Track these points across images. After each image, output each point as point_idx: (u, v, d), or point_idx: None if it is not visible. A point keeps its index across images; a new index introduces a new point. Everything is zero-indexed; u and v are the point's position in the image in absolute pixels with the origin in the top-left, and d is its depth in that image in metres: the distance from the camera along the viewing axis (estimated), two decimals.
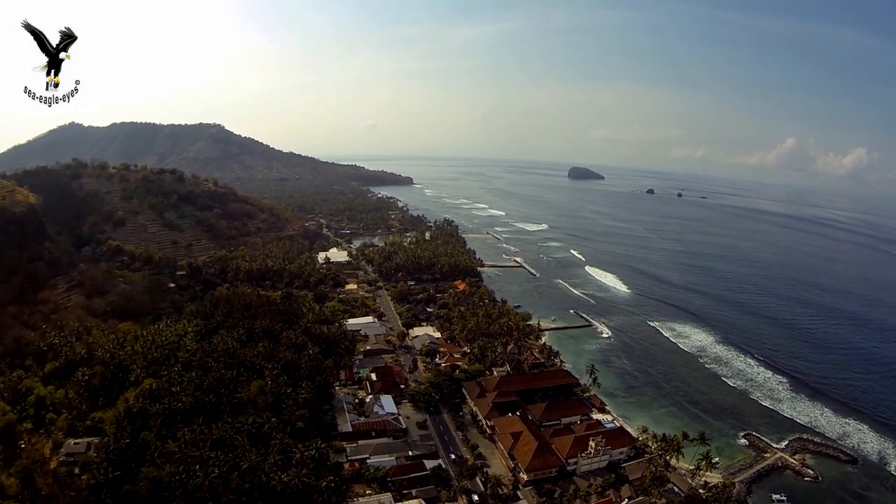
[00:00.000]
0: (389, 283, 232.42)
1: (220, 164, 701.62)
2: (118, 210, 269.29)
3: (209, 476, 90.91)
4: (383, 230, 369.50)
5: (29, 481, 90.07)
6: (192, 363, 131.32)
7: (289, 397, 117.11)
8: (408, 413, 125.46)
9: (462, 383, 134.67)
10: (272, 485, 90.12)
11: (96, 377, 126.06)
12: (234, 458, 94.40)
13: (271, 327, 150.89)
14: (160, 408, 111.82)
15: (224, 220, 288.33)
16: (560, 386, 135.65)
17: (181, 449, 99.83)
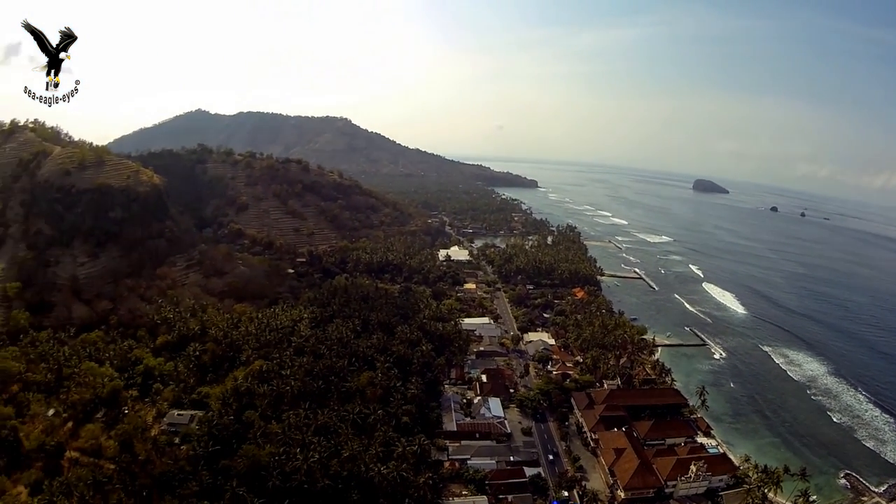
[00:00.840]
0: (508, 285, 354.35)
1: (346, 157, 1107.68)
2: (242, 195, 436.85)
3: (308, 460, 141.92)
4: (506, 232, 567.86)
5: (128, 445, 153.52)
6: (304, 349, 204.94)
7: (397, 391, 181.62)
8: (514, 418, 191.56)
9: (572, 393, 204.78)
10: (370, 475, 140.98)
11: (207, 354, 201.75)
12: (336, 445, 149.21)
13: (387, 320, 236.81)
14: (268, 389, 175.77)
15: (347, 212, 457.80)
16: (668, 405, 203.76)
17: (284, 431, 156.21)
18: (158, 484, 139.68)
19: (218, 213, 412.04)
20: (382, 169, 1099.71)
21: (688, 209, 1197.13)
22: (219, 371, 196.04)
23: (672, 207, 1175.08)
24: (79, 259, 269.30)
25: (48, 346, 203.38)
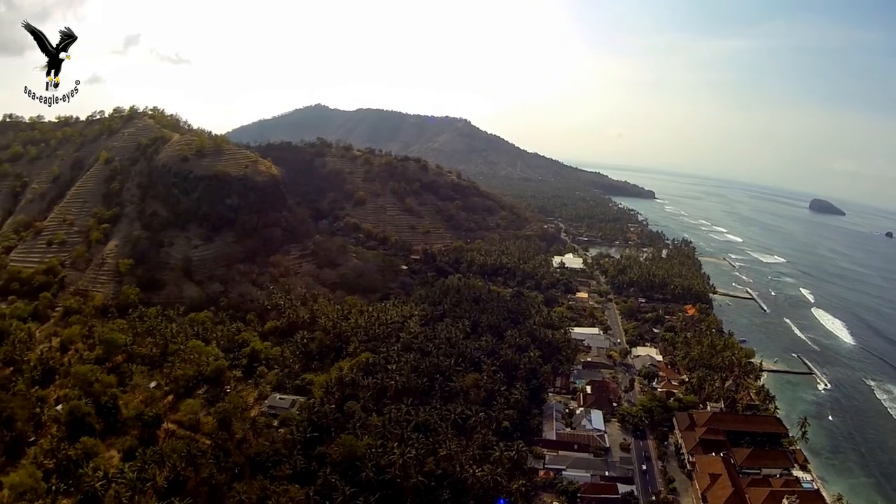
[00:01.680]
0: (620, 297, 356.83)
1: (464, 158, 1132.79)
2: (359, 190, 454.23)
3: (405, 455, 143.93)
4: (621, 242, 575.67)
5: (226, 424, 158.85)
6: (412, 346, 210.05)
7: (501, 395, 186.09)
8: (614, 432, 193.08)
9: (674, 412, 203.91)
10: (464, 476, 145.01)
11: (315, 342, 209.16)
12: (434, 443, 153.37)
13: (497, 323, 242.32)
14: (372, 382, 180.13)
15: (464, 213, 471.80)
16: (768, 434, 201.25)
17: (384, 425, 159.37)
18: (252, 463, 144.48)
19: (334, 206, 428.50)
20: (500, 171, 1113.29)
21: (803, 230, 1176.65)
22: (324, 360, 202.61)
23: (787, 227, 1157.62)
24: (193, 242, 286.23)
25: (156, 322, 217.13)
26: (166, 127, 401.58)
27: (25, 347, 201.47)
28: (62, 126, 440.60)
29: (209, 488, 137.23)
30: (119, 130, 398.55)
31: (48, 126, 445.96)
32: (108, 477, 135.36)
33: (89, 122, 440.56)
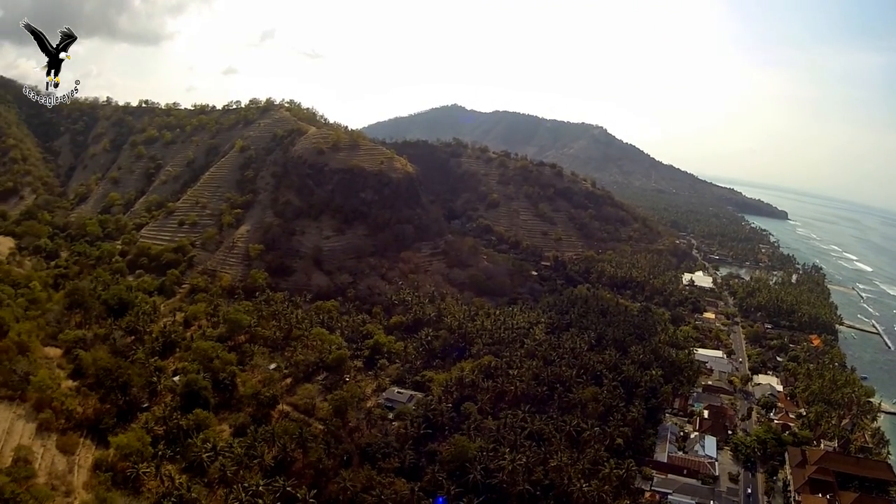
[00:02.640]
0: (747, 320, 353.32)
1: (599, 166, 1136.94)
2: (494, 193, 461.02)
3: (515, 462, 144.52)
4: (751, 263, 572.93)
5: (341, 411, 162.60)
6: (536, 353, 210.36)
7: (618, 411, 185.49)
8: (725, 461, 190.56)
9: (787, 447, 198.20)
10: (570, 490, 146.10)
11: (439, 340, 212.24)
12: (545, 453, 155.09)
13: (622, 338, 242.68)
14: (491, 385, 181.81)
15: (597, 222, 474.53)
16: (877, 480, 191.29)
17: (498, 429, 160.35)
18: (362, 453, 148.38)
19: (468, 207, 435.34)
20: (634, 182, 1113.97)
21: None
22: (446, 359, 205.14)
23: None
24: (324, 232, 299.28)
25: (282, 307, 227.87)
26: (302, 120, 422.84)
27: (149, 319, 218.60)
28: (198, 114, 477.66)
29: (315, 472, 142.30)
30: (255, 121, 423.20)
31: (183, 113, 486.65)
32: (216, 450, 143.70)
33: (225, 111, 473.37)
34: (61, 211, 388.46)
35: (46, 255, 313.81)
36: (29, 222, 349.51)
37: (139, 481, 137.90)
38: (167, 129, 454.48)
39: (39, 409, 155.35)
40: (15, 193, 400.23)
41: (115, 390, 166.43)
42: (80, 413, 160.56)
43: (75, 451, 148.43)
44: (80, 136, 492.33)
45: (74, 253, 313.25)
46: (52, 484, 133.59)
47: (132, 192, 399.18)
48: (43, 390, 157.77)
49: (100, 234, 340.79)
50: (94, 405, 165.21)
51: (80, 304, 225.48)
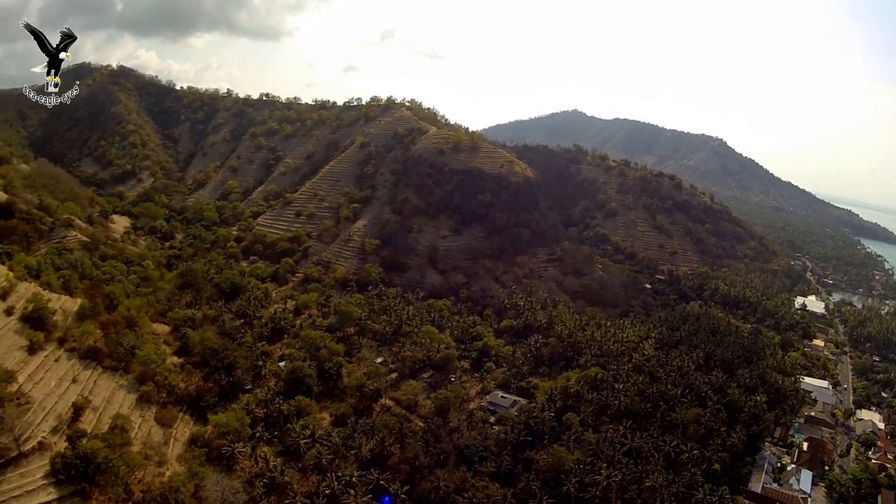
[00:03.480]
0: (856, 350, 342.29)
1: (717, 179, 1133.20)
2: (612, 202, 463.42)
3: (610, 478, 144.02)
4: (864, 290, 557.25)
5: (443, 410, 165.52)
6: (643, 368, 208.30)
7: (719, 436, 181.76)
8: (819, 498, 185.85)
9: (881, 489, 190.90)
10: None
11: (547, 347, 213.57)
12: (642, 472, 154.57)
13: (730, 359, 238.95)
14: (595, 398, 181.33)
15: (713, 237, 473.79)
16: None
17: (597, 443, 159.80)
18: (459, 454, 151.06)
19: (585, 214, 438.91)
20: (752, 198, 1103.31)
21: None
22: (553, 367, 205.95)
23: None
24: (441, 232, 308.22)
25: (393, 303, 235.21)
26: (423, 119, 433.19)
27: (260, 305, 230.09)
28: (318, 109, 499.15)
29: (410, 468, 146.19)
30: (376, 118, 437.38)
31: (304, 108, 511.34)
32: (314, 437, 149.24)
33: (346, 107, 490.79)
34: (178, 195, 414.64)
35: (161, 236, 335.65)
36: (146, 204, 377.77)
37: (233, 460, 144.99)
38: (287, 122, 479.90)
39: (142, 382, 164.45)
40: (133, 176, 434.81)
41: (220, 370, 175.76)
42: (182, 389, 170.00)
43: (173, 424, 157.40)
44: (200, 125, 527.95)
45: (189, 236, 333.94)
46: (146, 453, 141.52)
47: (250, 182, 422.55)
48: (147, 364, 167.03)
49: (216, 219, 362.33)
50: (197, 383, 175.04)
51: (192, 285, 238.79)
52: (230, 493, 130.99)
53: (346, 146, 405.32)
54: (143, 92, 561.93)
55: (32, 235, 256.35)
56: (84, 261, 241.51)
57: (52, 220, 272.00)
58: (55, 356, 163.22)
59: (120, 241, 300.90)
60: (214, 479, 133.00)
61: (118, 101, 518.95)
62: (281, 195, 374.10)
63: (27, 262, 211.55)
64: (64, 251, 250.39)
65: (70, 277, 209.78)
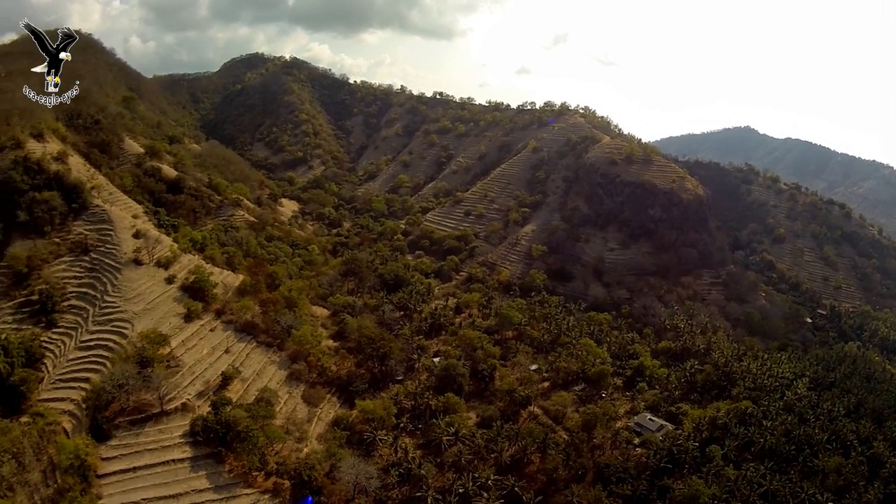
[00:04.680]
0: None
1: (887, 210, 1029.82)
2: (780, 227, 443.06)
3: None
4: None
5: (589, 426, 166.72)
6: (793, 408, 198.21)
7: (857, 489, 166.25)
8: None
9: None
10: None
11: (702, 374, 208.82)
12: None
13: (881, 409, 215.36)
14: (742, 432, 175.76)
15: (878, 274, 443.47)
16: None
17: (736, 480, 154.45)
18: (598, 471, 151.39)
19: (752, 238, 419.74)
20: None
21: None
22: (705, 395, 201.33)
23: None
24: (609, 244, 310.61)
25: (555, 311, 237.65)
26: (596, 127, 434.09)
27: (421, 299, 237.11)
28: (492, 110, 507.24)
29: (547, 479, 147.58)
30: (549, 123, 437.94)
31: (477, 108, 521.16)
32: (457, 435, 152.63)
33: (519, 110, 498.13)
34: (348, 185, 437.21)
35: (329, 222, 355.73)
36: (315, 190, 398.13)
37: (373, 446, 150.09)
38: (460, 121, 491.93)
39: (294, 360, 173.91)
40: (304, 163, 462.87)
41: (374, 358, 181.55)
42: (334, 372, 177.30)
43: (319, 404, 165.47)
44: (373, 118, 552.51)
45: (357, 225, 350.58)
46: (288, 428, 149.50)
47: (421, 177, 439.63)
48: (301, 343, 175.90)
49: (384, 211, 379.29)
50: (349, 368, 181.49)
51: (356, 273, 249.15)
52: (364, 478, 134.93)
53: (518, 149, 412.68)
54: (316, 83, 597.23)
55: (200, 211, 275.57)
56: (250, 239, 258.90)
57: (220, 199, 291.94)
58: (211, 326, 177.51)
59: (287, 225, 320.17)
60: (351, 461, 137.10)
61: (291, 90, 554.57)
62: (451, 193, 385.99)
63: (192, 235, 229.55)
64: (230, 229, 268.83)
65: (234, 254, 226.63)
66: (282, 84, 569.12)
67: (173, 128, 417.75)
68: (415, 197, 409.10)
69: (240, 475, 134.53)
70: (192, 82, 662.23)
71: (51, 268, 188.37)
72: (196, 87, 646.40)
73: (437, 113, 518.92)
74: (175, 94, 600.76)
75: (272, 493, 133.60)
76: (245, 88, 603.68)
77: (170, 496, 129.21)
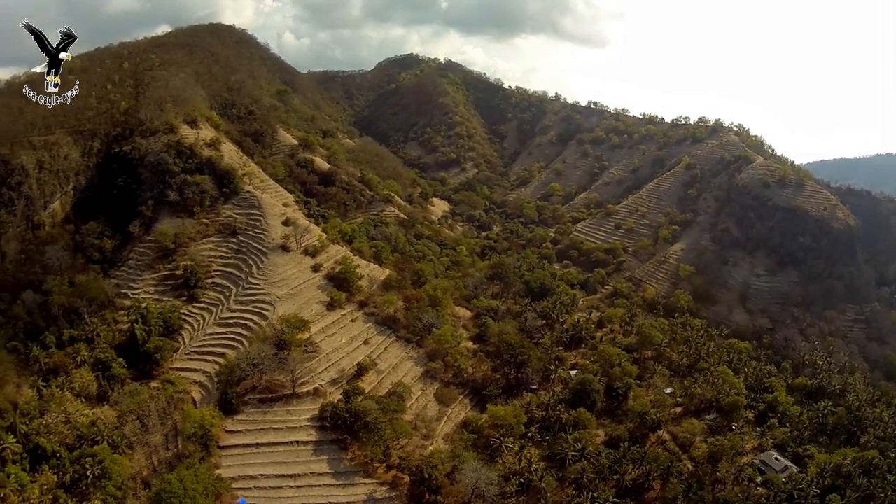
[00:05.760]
0: None
1: None
2: None
3: None
4: None
5: (715, 458, 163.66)
6: None
7: None
8: None
9: None
10: None
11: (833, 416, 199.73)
12: None
13: None
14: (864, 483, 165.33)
15: None
16: None
17: None
18: None
19: None
20: None
21: None
22: (833, 439, 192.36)
23: None
24: (756, 270, 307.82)
25: (696, 335, 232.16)
26: (750, 147, 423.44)
27: (564, 310, 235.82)
28: (646, 123, 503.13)
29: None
30: (703, 140, 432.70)
31: (631, 120, 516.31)
32: (583, 452, 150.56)
33: (673, 125, 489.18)
34: (500, 189, 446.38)
35: (478, 225, 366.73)
36: (467, 192, 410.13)
37: (497, 452, 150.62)
38: (615, 132, 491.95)
39: (431, 358, 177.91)
40: (457, 164, 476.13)
41: (511, 365, 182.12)
42: (469, 374, 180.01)
43: (450, 404, 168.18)
44: (527, 125, 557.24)
45: (506, 230, 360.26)
46: (416, 424, 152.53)
47: (573, 186, 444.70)
48: (441, 343, 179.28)
49: (535, 218, 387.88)
50: (485, 371, 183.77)
51: (502, 278, 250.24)
52: (484, 483, 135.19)
53: (671, 164, 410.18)
54: (471, 87, 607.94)
55: (350, 204, 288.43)
56: (398, 236, 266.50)
57: (371, 194, 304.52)
58: (352, 316, 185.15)
59: (437, 224, 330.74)
60: (474, 465, 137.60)
61: (446, 92, 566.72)
62: (602, 205, 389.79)
63: (342, 227, 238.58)
64: (380, 224, 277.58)
65: (382, 249, 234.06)
66: (436, 85, 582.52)
67: (327, 122, 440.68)
68: (566, 206, 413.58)
69: (361, 464, 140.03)
70: (347, 79, 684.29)
71: (197, 246, 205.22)
72: (350, 84, 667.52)
73: (590, 122, 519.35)
74: (329, 90, 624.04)
75: (390, 486, 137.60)
76: (399, 88, 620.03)
77: (287, 475, 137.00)
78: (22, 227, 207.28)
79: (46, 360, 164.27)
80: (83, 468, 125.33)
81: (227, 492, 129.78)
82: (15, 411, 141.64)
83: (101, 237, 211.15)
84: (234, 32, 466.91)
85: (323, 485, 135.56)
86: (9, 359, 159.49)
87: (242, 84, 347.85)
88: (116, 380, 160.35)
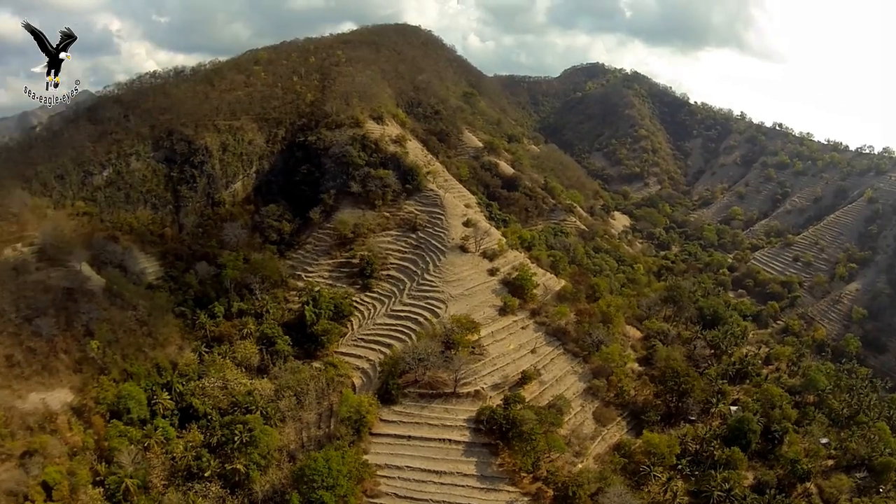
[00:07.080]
0: None
1: None
2: None
3: None
4: None
5: None
6: None
7: None
8: None
9: None
10: None
11: None
12: None
13: None
14: None
15: None
16: None
17: None
18: None
19: None
20: None
21: None
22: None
23: None
24: None
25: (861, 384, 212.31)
26: None
27: (734, 342, 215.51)
28: (830, 150, 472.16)
29: None
30: (886, 172, 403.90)
31: (816, 146, 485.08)
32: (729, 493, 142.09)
33: (857, 153, 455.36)
34: (682, 208, 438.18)
35: (658, 243, 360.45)
36: (649, 209, 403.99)
37: (644, 480, 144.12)
38: (798, 158, 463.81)
39: (595, 375, 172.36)
40: (640, 179, 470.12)
41: (673, 392, 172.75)
42: (631, 396, 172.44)
43: (607, 424, 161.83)
44: (711, 143, 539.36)
45: (685, 251, 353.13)
46: (570, 440, 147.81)
47: (754, 212, 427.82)
48: (607, 361, 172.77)
49: (714, 241, 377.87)
50: (647, 396, 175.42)
51: (675, 301, 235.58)
52: None
53: (853, 197, 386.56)
54: (656, 100, 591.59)
55: (532, 211, 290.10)
56: (578, 247, 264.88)
57: (553, 202, 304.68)
58: (523, 324, 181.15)
59: (616, 239, 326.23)
60: (619, 489, 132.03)
61: (632, 104, 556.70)
62: (783, 234, 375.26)
63: (522, 233, 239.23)
64: (560, 233, 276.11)
65: (560, 259, 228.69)
66: (622, 97, 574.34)
67: (513, 127, 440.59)
68: (746, 232, 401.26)
69: (508, 472, 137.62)
70: (533, 85, 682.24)
71: (376, 238, 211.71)
72: (536, 90, 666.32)
73: (775, 145, 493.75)
74: (515, 94, 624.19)
75: (532, 498, 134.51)
76: (585, 97, 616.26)
77: (433, 471, 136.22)
78: (202, 203, 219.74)
79: (213, 329, 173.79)
80: (232, 433, 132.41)
81: (370, 478, 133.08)
82: (174, 371, 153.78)
83: (280, 220, 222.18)
84: (420, 33, 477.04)
85: (466, 486, 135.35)
86: (175, 322, 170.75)
87: (429, 84, 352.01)
88: (279, 356, 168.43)
